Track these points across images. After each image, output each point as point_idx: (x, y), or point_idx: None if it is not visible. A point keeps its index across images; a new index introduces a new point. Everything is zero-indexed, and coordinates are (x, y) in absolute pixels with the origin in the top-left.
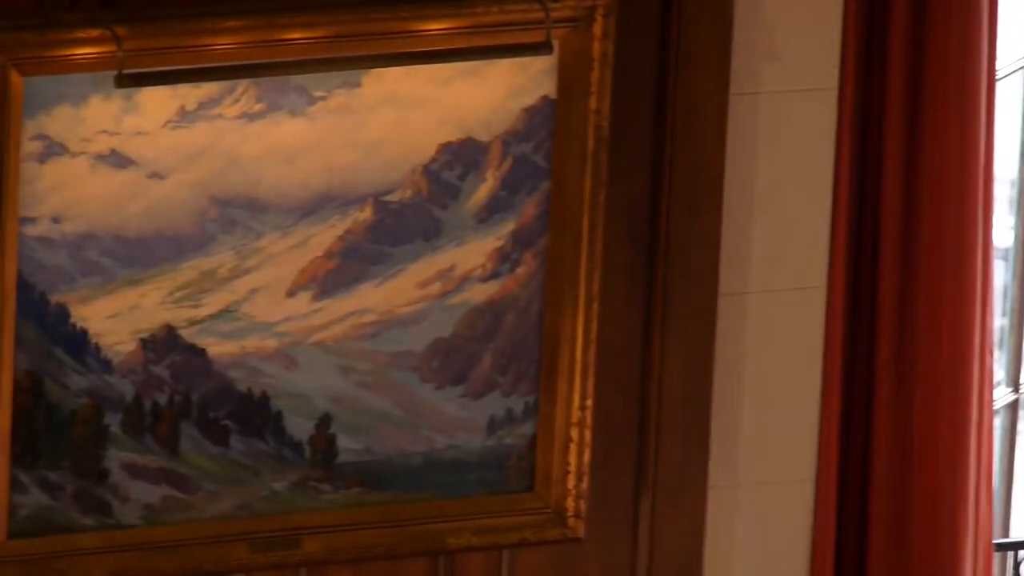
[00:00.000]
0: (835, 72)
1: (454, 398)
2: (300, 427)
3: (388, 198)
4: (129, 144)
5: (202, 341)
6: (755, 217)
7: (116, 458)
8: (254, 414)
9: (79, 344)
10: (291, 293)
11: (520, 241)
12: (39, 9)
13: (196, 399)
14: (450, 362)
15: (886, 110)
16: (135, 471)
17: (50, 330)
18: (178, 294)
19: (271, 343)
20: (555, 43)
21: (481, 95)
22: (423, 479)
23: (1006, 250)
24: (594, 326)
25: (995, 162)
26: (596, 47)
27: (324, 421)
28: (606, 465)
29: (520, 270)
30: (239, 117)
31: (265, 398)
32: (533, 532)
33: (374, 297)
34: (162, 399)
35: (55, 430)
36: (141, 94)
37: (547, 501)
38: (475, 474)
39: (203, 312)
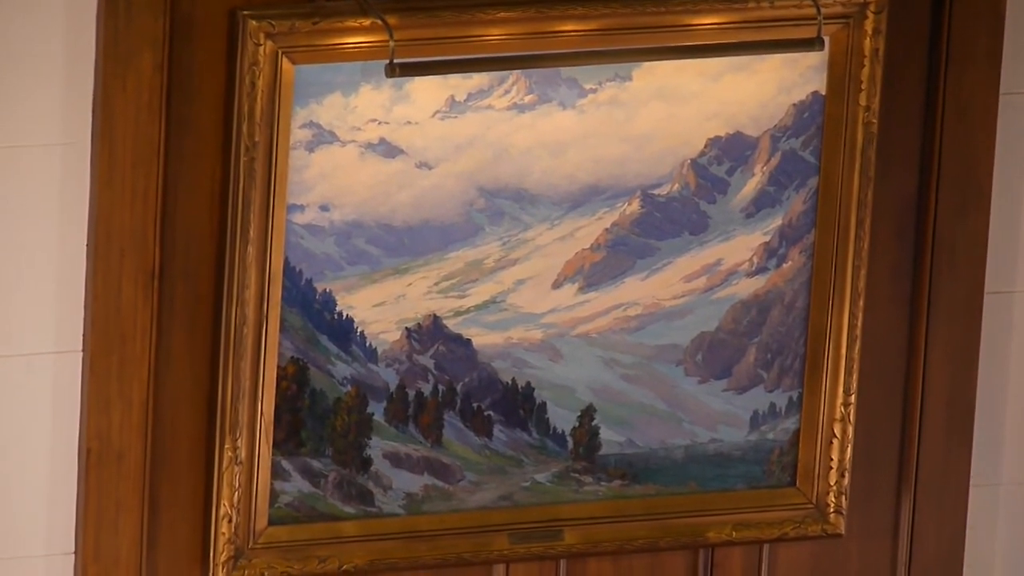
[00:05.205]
0: None
1: (717, 392)
2: (564, 418)
3: (656, 191)
4: (398, 133)
5: (467, 331)
6: (1022, 216)
7: (379, 447)
8: (518, 405)
9: (345, 332)
10: (557, 285)
11: (787, 236)
12: None
13: (460, 389)
14: (714, 356)
15: None
16: (397, 460)
17: (316, 318)
18: (444, 284)
19: (536, 334)
20: (826, 39)
21: (750, 90)
22: (685, 473)
23: None
24: (859, 322)
25: None
26: (867, 43)
27: (588, 413)
28: (868, 461)
29: (786, 265)
30: (509, 108)
31: (529, 389)
32: (794, 527)
33: (640, 290)
34: (426, 389)
35: (318, 418)
36: (411, 84)
37: (809, 496)
38: (737, 468)
39: (469, 302)
